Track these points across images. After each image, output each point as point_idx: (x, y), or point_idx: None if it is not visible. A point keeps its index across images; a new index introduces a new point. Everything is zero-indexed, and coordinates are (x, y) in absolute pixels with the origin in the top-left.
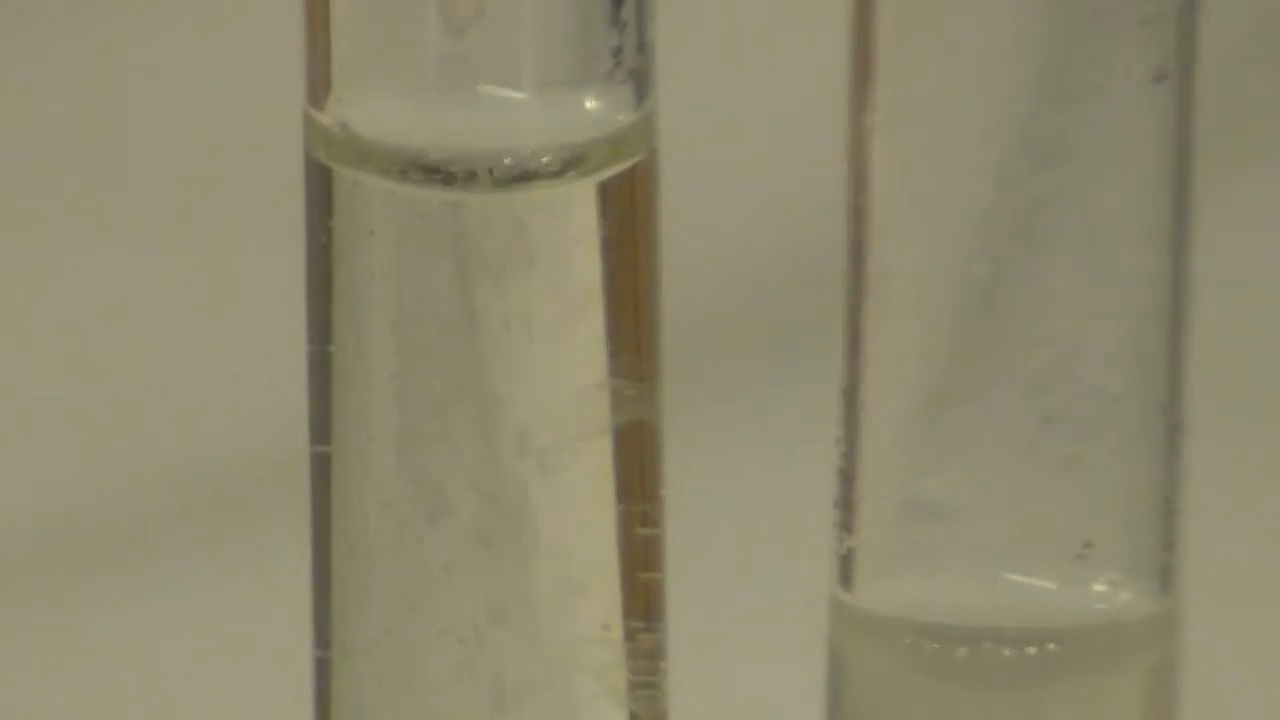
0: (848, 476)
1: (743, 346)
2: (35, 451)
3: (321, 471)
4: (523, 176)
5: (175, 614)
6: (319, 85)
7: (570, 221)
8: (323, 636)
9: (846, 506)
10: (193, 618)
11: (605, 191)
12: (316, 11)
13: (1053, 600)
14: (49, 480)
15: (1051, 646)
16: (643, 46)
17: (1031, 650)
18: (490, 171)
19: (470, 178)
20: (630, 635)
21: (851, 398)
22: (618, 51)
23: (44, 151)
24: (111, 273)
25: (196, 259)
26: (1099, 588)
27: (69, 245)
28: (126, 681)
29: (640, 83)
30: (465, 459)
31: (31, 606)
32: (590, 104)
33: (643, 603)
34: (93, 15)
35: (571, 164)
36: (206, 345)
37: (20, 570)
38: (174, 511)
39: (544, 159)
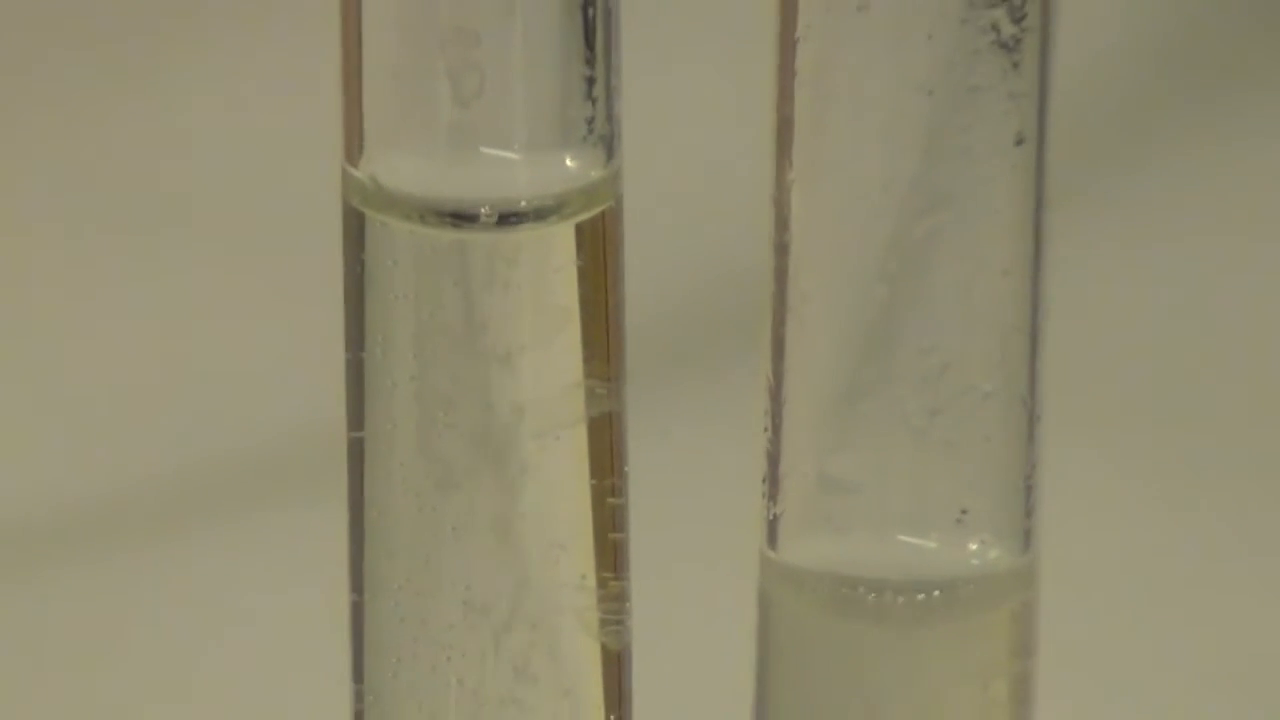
0: (773, 458)
1: (690, 354)
2: (141, 430)
3: (356, 453)
4: (515, 219)
5: (242, 569)
6: (354, 146)
7: (553, 255)
8: (357, 583)
9: (772, 482)
10: (259, 570)
11: (580, 231)
12: (351, 88)
13: (936, 557)
14: (155, 449)
15: (936, 593)
16: (610, 118)
17: (920, 596)
18: (489, 215)
19: (473, 220)
20: (602, 583)
21: (776, 394)
22: (591, 121)
23: (144, 185)
24: (195, 291)
25: (260, 285)
26: (973, 546)
27: (167, 265)
28: (196, 624)
29: (608, 146)
30: (469, 443)
31: (119, 563)
32: (569, 162)
33: (611, 557)
34: (188, 83)
35: (554, 210)
36: (267, 352)
37: (117, 530)
38: (244, 483)
39: (532, 206)
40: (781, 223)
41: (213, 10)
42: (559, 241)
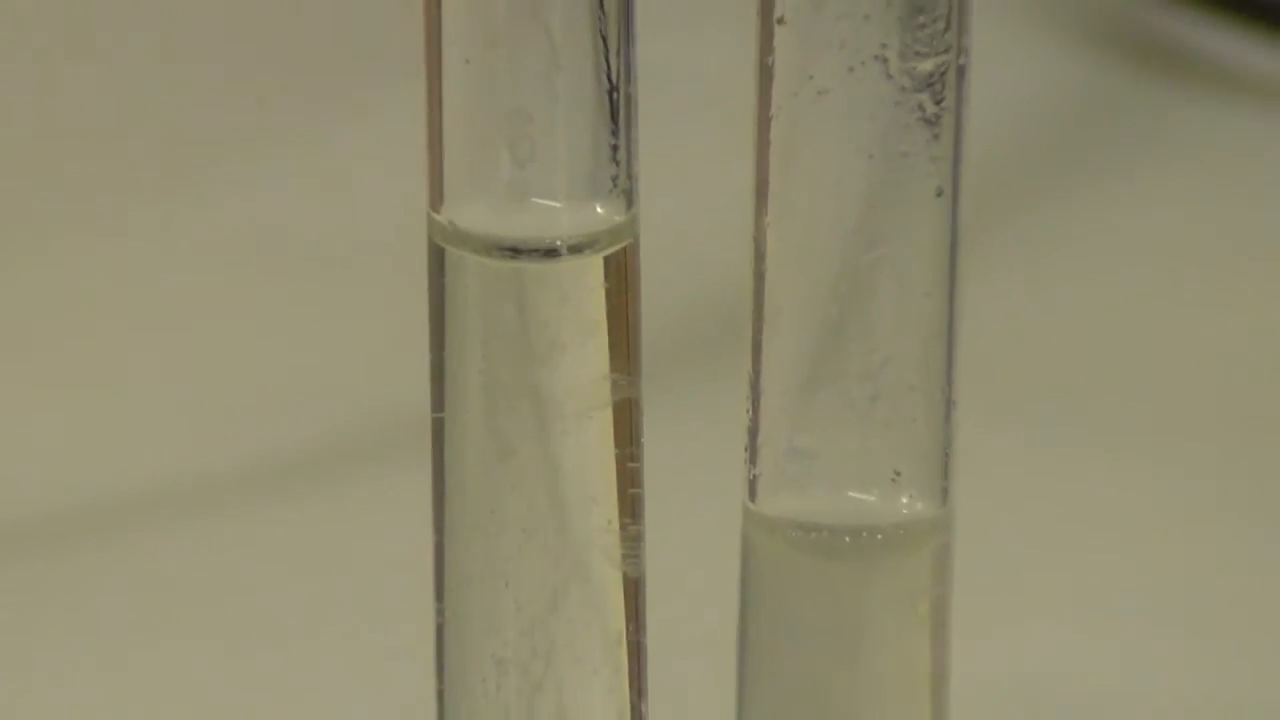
0: (752, 433)
1: (688, 354)
2: (275, 412)
3: (438, 429)
4: (559, 253)
5: (351, 521)
6: (436, 197)
7: (586, 280)
8: (439, 526)
9: (751, 451)
10: (365, 520)
11: (607, 262)
12: (435, 153)
13: (876, 508)
14: (288, 428)
15: (877, 536)
16: (630, 176)
17: (864, 537)
18: (539, 251)
19: (528, 254)
20: (623, 527)
21: (755, 385)
22: (615, 179)
23: (292, 224)
24: (320, 305)
25: (368, 301)
26: (904, 500)
27: (306, 284)
28: (291, 576)
29: (629, 197)
30: (523, 422)
31: (226, 525)
32: (599, 210)
33: (630, 507)
34: (322, 148)
35: (587, 245)
36: (373, 351)
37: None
38: (355, 454)
39: (571, 243)
40: (759, 255)
41: (343, 94)
42: (591, 270)
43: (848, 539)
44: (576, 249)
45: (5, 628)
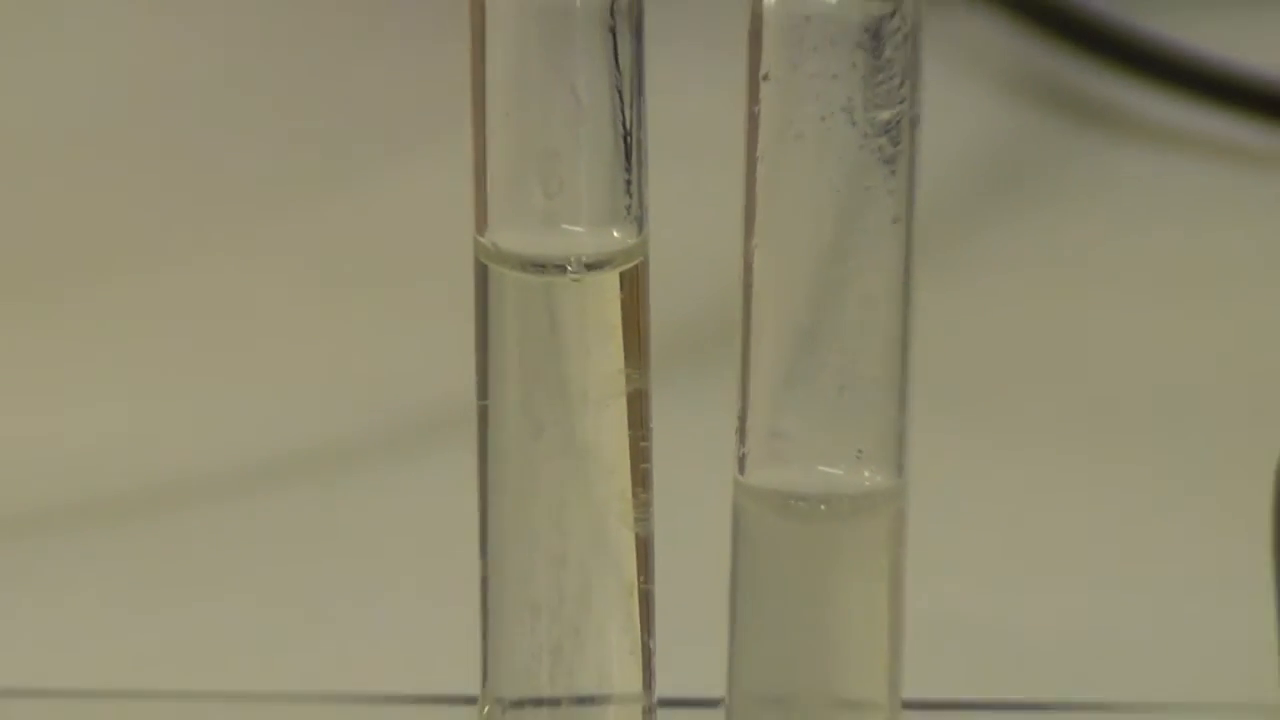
0: (741, 418)
1: (691, 354)
2: (347, 400)
3: (482, 414)
4: (581, 270)
5: (405, 494)
6: (482, 223)
7: (605, 292)
8: (483, 495)
9: (740, 433)
10: (417, 494)
11: (623, 277)
12: (480, 186)
13: (843, 480)
14: (335, 403)
15: (845, 504)
16: (642, 205)
17: (834, 504)
18: (566, 268)
19: (556, 270)
20: (635, 495)
21: (743, 379)
22: (629, 207)
23: (368, 247)
24: (386, 312)
25: (427, 308)
26: (866, 474)
27: (374, 292)
28: (346, 549)
29: (640, 223)
30: (552, 408)
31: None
32: (615, 234)
33: (641, 479)
34: (395, 182)
35: (606, 263)
36: (429, 349)
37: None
38: (413, 435)
39: (592, 261)
40: (747, 271)
41: (406, 140)
42: (609, 283)
43: (821, 506)
44: (596, 266)
45: (107, 587)
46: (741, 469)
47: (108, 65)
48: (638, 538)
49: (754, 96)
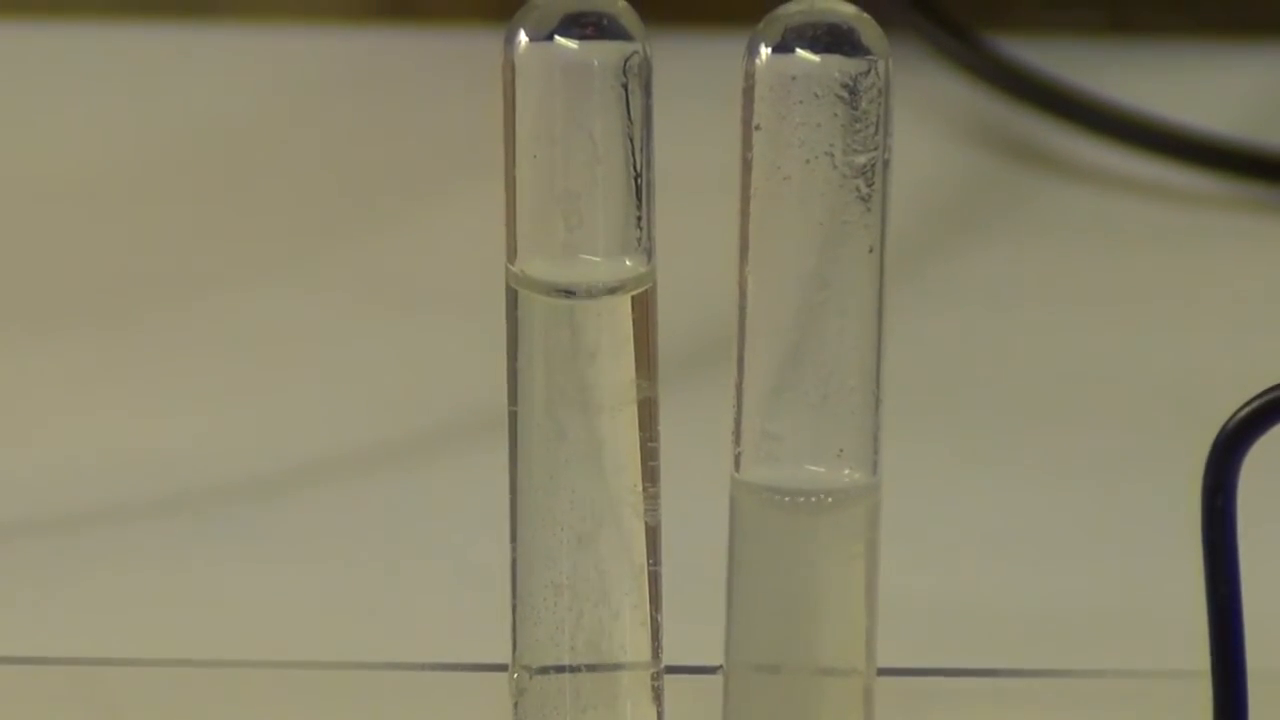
0: (737, 422)
1: (693, 366)
2: (394, 406)
3: (513, 419)
4: (598, 294)
5: (442, 490)
6: (512, 253)
7: (618, 313)
8: (513, 488)
9: (736, 434)
10: (456, 488)
11: (634, 300)
12: (510, 222)
13: (826, 477)
14: (388, 410)
15: (828, 498)
16: (650, 238)
17: (816, 498)
18: (585, 292)
19: (576, 294)
20: (645, 489)
21: (738, 388)
22: (639, 240)
23: (427, 275)
24: (433, 328)
25: (467, 326)
26: (846, 471)
27: (425, 312)
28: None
29: (649, 253)
30: (573, 412)
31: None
32: (627, 263)
33: (650, 475)
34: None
35: (619, 289)
36: (469, 361)
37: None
38: (454, 437)
39: (607, 287)
40: (742, 294)
41: (444, 182)
42: (621, 305)
43: (811, 499)
44: (611, 291)
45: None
46: (737, 466)
47: (185, 118)
48: (647, 526)
49: (747, 143)
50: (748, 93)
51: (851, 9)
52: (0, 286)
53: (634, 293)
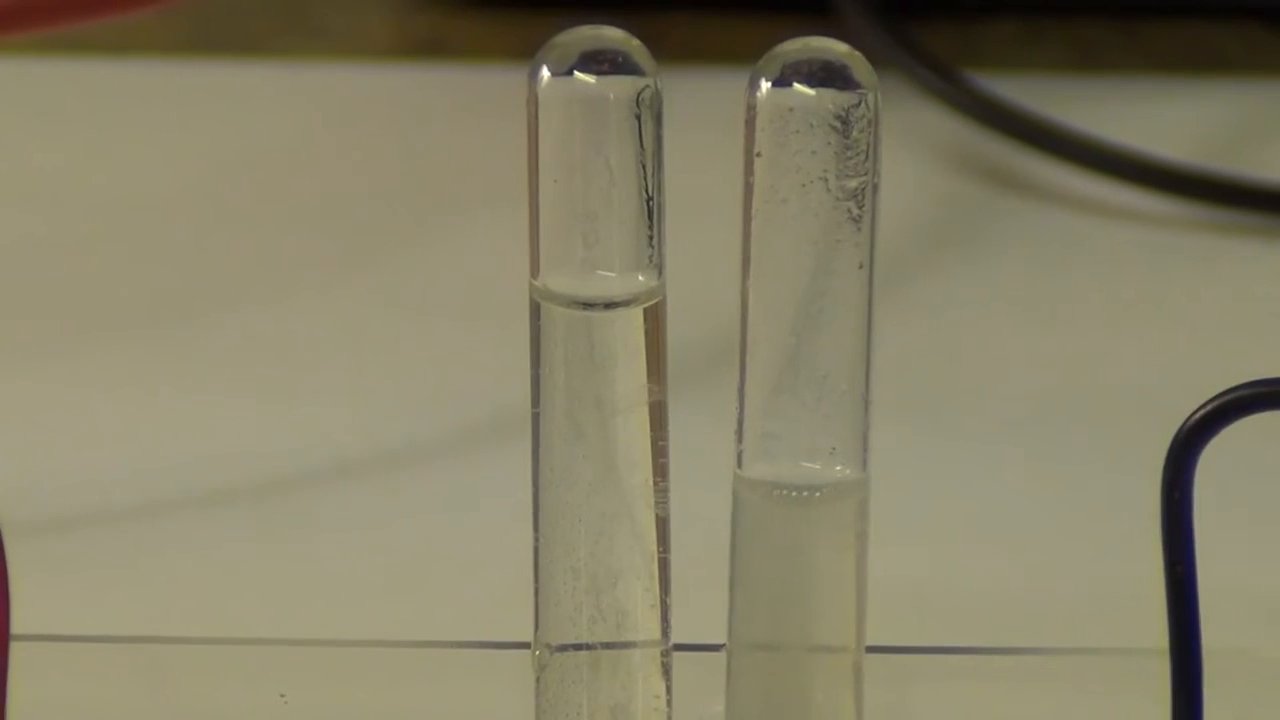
0: (739, 422)
1: (698, 371)
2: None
3: (535, 420)
4: (613, 306)
5: (473, 484)
6: (534, 268)
7: (631, 323)
8: (535, 484)
9: (738, 433)
10: (482, 484)
11: (646, 312)
12: (534, 240)
13: (820, 472)
14: (419, 413)
15: (819, 493)
16: (660, 254)
17: (811, 491)
18: (601, 305)
19: (595, 307)
20: (655, 484)
21: (741, 391)
22: (650, 257)
23: (458, 288)
24: (464, 337)
25: (494, 334)
26: (838, 468)
27: (457, 322)
28: (428, 535)
29: (660, 269)
30: (590, 415)
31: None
32: (640, 278)
33: (660, 471)
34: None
35: (632, 301)
36: (496, 368)
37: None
38: (482, 436)
39: (621, 300)
40: (744, 306)
41: (471, 205)
42: (634, 317)
43: (804, 493)
44: (625, 303)
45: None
46: (739, 463)
47: (236, 146)
48: (658, 517)
49: (749, 169)
50: (749, 123)
51: (844, 47)
52: (76, 298)
53: (646, 305)
